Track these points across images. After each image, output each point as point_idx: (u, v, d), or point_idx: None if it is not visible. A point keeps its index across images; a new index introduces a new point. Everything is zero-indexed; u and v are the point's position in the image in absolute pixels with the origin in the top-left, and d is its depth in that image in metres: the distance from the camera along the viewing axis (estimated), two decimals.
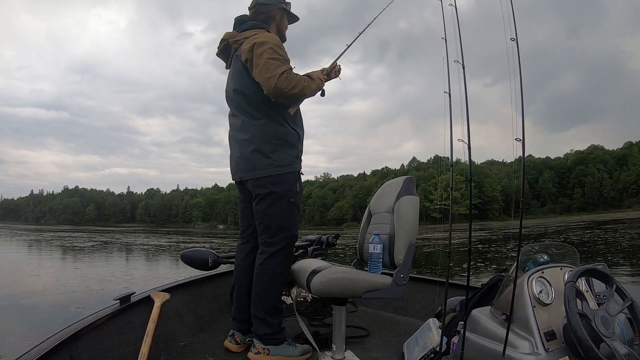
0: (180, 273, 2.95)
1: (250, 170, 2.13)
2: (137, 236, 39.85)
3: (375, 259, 2.04)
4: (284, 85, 1.97)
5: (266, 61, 2.00)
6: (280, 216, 2.12)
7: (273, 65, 1.99)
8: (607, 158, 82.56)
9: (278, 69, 1.97)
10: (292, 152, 2.16)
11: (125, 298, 2.12)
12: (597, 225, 34.96)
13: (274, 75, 1.97)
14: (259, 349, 2.04)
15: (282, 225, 2.12)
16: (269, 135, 2.11)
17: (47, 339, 1.59)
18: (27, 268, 13.43)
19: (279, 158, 2.10)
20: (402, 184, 2.18)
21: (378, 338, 2.44)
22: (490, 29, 1.53)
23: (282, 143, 2.13)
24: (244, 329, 2.18)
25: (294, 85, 2.00)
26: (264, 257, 2.12)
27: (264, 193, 2.10)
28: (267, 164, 2.09)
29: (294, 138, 2.18)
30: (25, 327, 5.60)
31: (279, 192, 2.10)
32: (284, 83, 1.96)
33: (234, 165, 2.24)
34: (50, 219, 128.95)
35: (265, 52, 2.01)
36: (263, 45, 2.03)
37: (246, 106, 2.15)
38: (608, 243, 18.98)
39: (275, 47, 2.05)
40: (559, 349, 1.44)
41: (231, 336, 2.21)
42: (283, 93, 1.98)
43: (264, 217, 2.13)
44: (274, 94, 1.99)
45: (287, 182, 2.13)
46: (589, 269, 1.55)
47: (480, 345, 1.58)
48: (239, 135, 2.19)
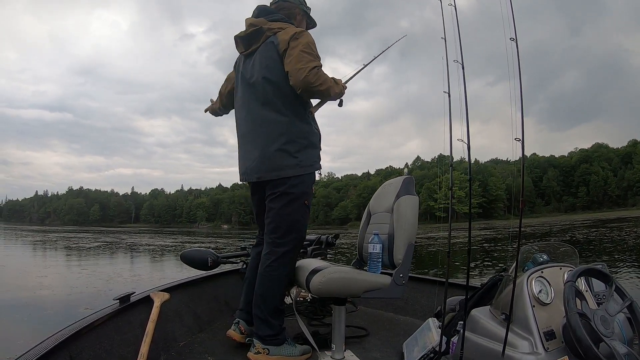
0: (186, 273, 2.95)
1: (275, 170, 2.06)
2: (142, 236, 39.96)
3: (374, 258, 2.04)
4: (314, 80, 1.97)
5: (300, 53, 2.00)
6: (292, 217, 2.10)
7: (306, 58, 1.99)
8: (612, 156, 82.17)
9: (311, 62, 1.98)
10: (315, 152, 2.15)
11: (125, 298, 2.12)
12: (602, 224, 34.81)
13: (305, 67, 1.97)
14: (259, 348, 2.03)
15: (293, 226, 2.10)
16: (296, 134, 2.07)
17: (46, 339, 1.59)
18: (34, 269, 13.44)
19: (304, 158, 2.08)
20: (402, 184, 2.17)
21: (377, 338, 2.44)
22: (491, 28, 1.53)
23: (307, 143, 2.10)
24: (250, 320, 2.16)
25: (322, 82, 2.00)
26: (271, 258, 2.09)
27: (281, 192, 2.07)
28: (293, 163, 2.05)
29: (317, 138, 2.17)
30: (34, 328, 5.59)
31: (296, 193, 2.07)
32: (313, 77, 1.97)
33: (252, 164, 2.13)
34: (54, 220, 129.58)
35: (301, 45, 2.02)
36: (300, 38, 2.04)
37: (275, 98, 2.08)
38: (614, 241, 18.90)
39: (311, 43, 2.06)
40: (559, 349, 1.44)
41: (236, 324, 2.19)
42: (310, 87, 1.98)
43: (276, 216, 2.09)
44: (302, 86, 1.98)
45: (306, 183, 2.11)
46: (589, 269, 1.54)
47: (479, 345, 1.57)
48: (259, 130, 2.11)
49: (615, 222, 37.31)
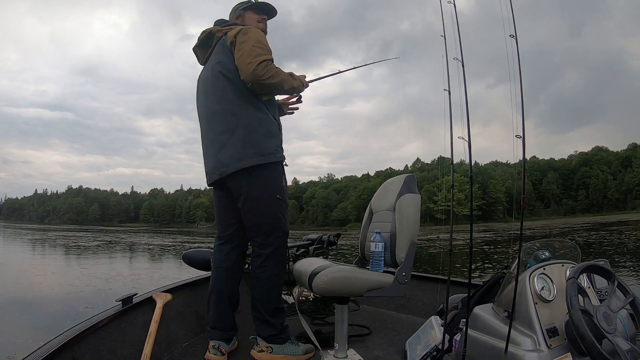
0: (187, 272, 2.95)
1: (235, 161, 2.03)
2: (142, 236, 39.99)
3: (376, 257, 2.03)
4: (263, 73, 1.97)
5: (250, 48, 2.01)
6: (270, 215, 2.08)
7: (255, 52, 1.99)
8: (612, 159, 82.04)
9: (259, 56, 1.98)
10: (274, 141, 2.12)
11: (127, 299, 2.13)
12: (602, 227, 34.81)
13: (254, 61, 1.97)
14: (262, 347, 2.04)
15: (273, 224, 2.09)
16: (253, 123, 2.06)
17: (49, 341, 1.60)
18: (34, 267, 13.50)
19: (264, 147, 2.05)
20: (403, 182, 2.16)
21: (380, 336, 2.44)
22: (492, 30, 1.54)
23: (264, 131, 2.08)
24: (228, 338, 2.12)
25: (273, 75, 2.01)
26: (260, 260, 2.08)
27: (248, 191, 2.05)
28: (252, 152, 2.03)
29: (275, 126, 2.15)
30: (35, 327, 5.60)
31: (263, 187, 2.06)
32: (262, 70, 1.97)
33: (213, 163, 2.12)
34: (54, 219, 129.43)
35: (251, 40, 2.03)
36: (249, 33, 2.05)
37: (229, 92, 2.09)
38: (614, 244, 18.90)
39: (261, 38, 2.08)
40: (561, 346, 1.44)
41: (215, 348, 2.05)
42: (260, 80, 1.98)
43: (253, 218, 2.08)
44: (251, 79, 1.99)
45: (273, 176, 2.09)
46: (591, 265, 1.55)
47: (482, 343, 1.58)
48: (216, 127, 2.11)
49: (614, 225, 37.29)
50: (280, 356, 2.03)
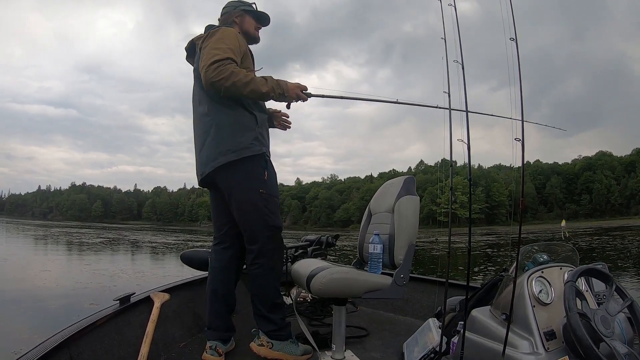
0: (191, 271, 2.94)
1: (211, 161, 2.02)
2: (145, 234, 40.07)
3: (375, 259, 2.03)
4: (213, 74, 1.88)
5: (207, 50, 1.94)
6: (254, 210, 2.06)
7: (210, 54, 1.92)
8: (615, 164, 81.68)
9: (213, 57, 1.89)
10: (249, 135, 2.05)
11: (125, 299, 2.13)
12: (604, 232, 34.68)
13: (205, 64, 1.90)
14: (263, 341, 2.05)
15: (258, 219, 2.07)
16: (223, 121, 2.04)
17: (47, 340, 1.60)
18: (38, 263, 13.50)
19: (236, 142, 2.02)
20: (402, 184, 2.16)
21: (378, 338, 2.44)
22: (494, 33, 1.53)
23: (237, 127, 2.04)
24: (225, 338, 2.12)
25: (226, 76, 1.88)
26: (252, 256, 2.09)
27: (230, 188, 2.05)
28: (224, 150, 2.00)
29: (248, 120, 2.08)
30: (40, 323, 5.59)
31: (244, 184, 2.04)
32: (213, 72, 1.87)
33: (197, 164, 2.14)
34: (57, 215, 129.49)
35: (211, 42, 1.96)
36: (214, 35, 2.01)
37: (204, 96, 2.08)
38: (617, 249, 18.83)
39: (224, 37, 1.99)
40: (559, 349, 1.44)
41: (212, 348, 2.03)
42: (212, 82, 1.90)
43: (239, 214, 2.08)
44: (204, 82, 1.93)
45: (252, 170, 2.06)
46: (589, 269, 1.55)
47: (480, 345, 1.57)
48: (198, 129, 2.13)
49: (617, 230, 37.14)
50: (279, 353, 2.04)
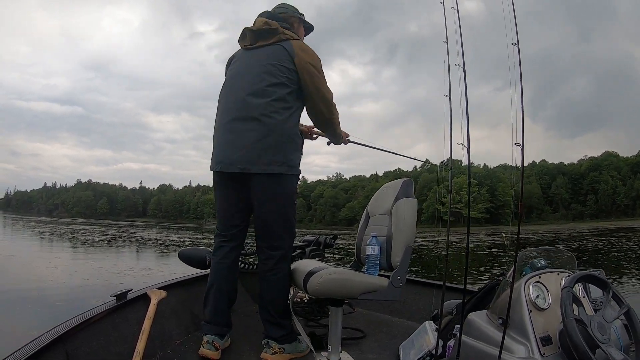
0: (189, 269, 2.96)
1: (262, 164, 1.96)
2: (150, 231, 40.19)
3: (372, 260, 2.04)
4: (334, 115, 2.17)
5: (323, 83, 2.10)
6: (287, 218, 2.09)
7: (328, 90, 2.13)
8: (622, 165, 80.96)
9: (331, 96, 2.14)
10: (298, 154, 2.11)
11: (122, 295, 2.12)
12: (610, 233, 34.44)
13: (328, 100, 2.12)
14: (275, 349, 2.03)
15: (287, 227, 2.11)
16: (287, 132, 2.02)
17: (42, 335, 1.59)
18: (44, 260, 13.52)
19: (291, 158, 2.05)
20: (400, 187, 2.17)
21: (374, 340, 2.43)
22: (499, 33, 1.52)
23: (295, 145, 2.07)
24: (222, 334, 2.12)
25: (336, 116, 2.21)
26: (272, 262, 2.07)
27: (271, 194, 2.02)
28: (281, 161, 1.99)
29: (299, 140, 2.15)
30: (46, 319, 5.51)
31: (285, 194, 2.06)
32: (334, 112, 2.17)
33: (238, 153, 1.99)
34: (62, 212, 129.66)
35: (322, 73, 2.11)
36: (317, 65, 2.10)
37: (275, 93, 2.00)
38: (623, 250, 18.72)
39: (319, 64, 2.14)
40: (555, 354, 1.44)
41: (209, 343, 2.03)
42: (331, 119, 2.17)
43: (268, 225, 2.07)
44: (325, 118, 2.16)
45: (291, 187, 2.09)
46: (586, 275, 1.54)
47: (476, 349, 1.57)
48: (248, 122, 2.00)
49: (623, 231, 36.89)
50: (291, 355, 2.06)
